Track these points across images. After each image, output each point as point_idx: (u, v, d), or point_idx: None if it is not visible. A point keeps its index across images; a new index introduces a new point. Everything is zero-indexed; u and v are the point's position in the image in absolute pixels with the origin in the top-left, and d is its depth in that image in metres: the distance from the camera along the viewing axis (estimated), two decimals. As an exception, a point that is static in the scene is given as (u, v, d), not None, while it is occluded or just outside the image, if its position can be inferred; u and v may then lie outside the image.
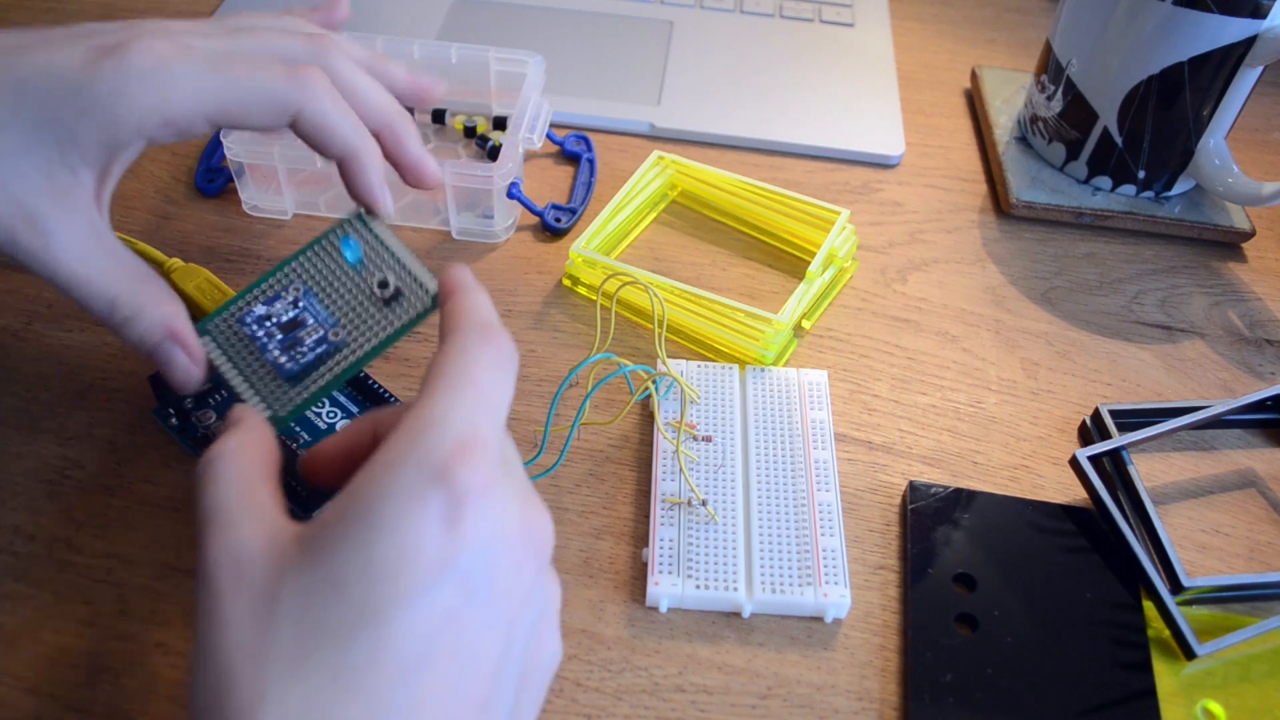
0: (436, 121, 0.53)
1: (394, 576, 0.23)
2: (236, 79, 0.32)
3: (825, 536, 0.36)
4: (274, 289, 0.34)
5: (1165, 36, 0.46)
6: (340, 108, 0.34)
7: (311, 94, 0.33)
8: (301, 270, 0.34)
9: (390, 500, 0.24)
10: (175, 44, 0.32)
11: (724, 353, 0.43)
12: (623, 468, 0.39)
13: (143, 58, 0.31)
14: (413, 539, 0.23)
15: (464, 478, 0.24)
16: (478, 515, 0.24)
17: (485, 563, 0.24)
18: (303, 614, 0.23)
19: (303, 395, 0.32)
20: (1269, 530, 0.39)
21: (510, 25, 0.61)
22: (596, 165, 0.52)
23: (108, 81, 0.31)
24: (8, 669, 0.32)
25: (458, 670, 0.24)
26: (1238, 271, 0.50)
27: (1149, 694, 0.33)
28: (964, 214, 0.52)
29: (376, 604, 0.23)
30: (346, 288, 0.34)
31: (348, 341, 0.33)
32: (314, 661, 0.23)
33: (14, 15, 0.59)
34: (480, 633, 0.24)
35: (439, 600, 0.23)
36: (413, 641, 0.23)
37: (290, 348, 0.32)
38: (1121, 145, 0.50)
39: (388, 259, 0.34)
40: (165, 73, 0.31)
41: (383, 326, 0.33)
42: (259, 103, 0.32)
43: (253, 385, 0.32)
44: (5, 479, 0.37)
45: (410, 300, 0.33)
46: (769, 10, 0.64)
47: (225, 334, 0.33)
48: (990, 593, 0.35)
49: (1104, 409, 0.41)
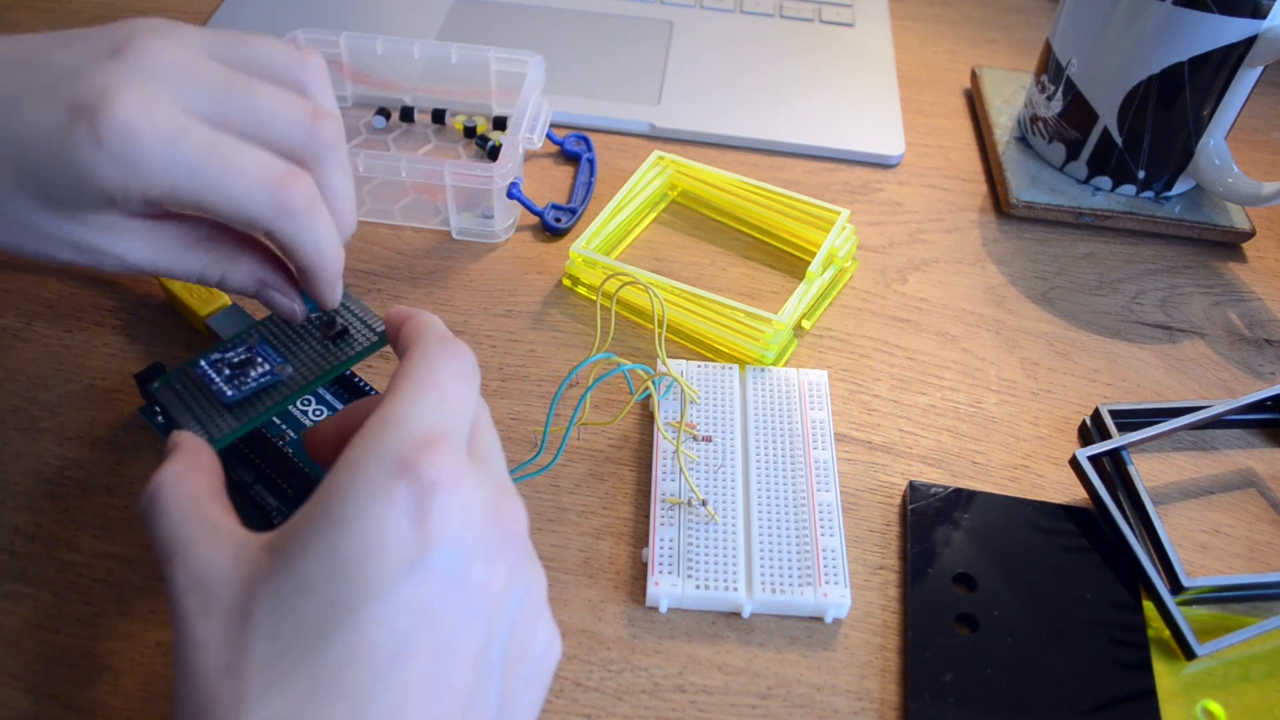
0: (436, 121, 0.53)
1: (363, 572, 0.23)
2: (215, 184, 0.30)
3: (825, 536, 0.36)
4: (231, 342, 0.36)
5: (1165, 36, 0.46)
6: (312, 230, 0.32)
7: (286, 220, 0.31)
8: (261, 329, 0.37)
9: (353, 496, 0.24)
10: (158, 110, 0.29)
11: (724, 353, 0.43)
12: (623, 468, 0.39)
13: (118, 136, 0.28)
14: (379, 533, 0.23)
15: (428, 470, 0.24)
16: (446, 506, 0.24)
17: (457, 553, 0.24)
18: (276, 622, 0.23)
19: (242, 420, 0.34)
20: (1269, 530, 0.39)
21: (510, 25, 0.61)
22: (596, 165, 0.52)
23: (88, 159, 0.29)
24: (8, 669, 0.32)
25: (438, 663, 0.23)
26: (1238, 271, 0.50)
27: (1149, 694, 0.33)
28: (964, 214, 0.52)
29: (348, 601, 0.23)
30: (299, 335, 0.37)
31: (293, 375, 0.35)
32: (292, 667, 0.23)
33: (14, 15, 0.59)
34: (458, 624, 0.24)
35: (412, 594, 0.23)
36: (389, 636, 0.23)
37: (234, 380, 0.34)
38: (1121, 145, 0.50)
39: (339, 307, 0.37)
40: (141, 160, 0.29)
41: (328, 360, 0.35)
42: (233, 213, 0.31)
43: (194, 415, 0.34)
44: (5, 479, 0.37)
45: (356, 338, 0.36)
46: (769, 10, 0.64)
47: (182, 381, 0.35)
48: (990, 593, 0.35)
49: (1104, 409, 0.41)
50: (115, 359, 0.41)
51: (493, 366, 0.42)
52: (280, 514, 0.35)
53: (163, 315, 0.43)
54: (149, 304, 0.43)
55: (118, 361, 0.41)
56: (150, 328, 0.42)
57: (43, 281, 0.44)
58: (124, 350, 0.41)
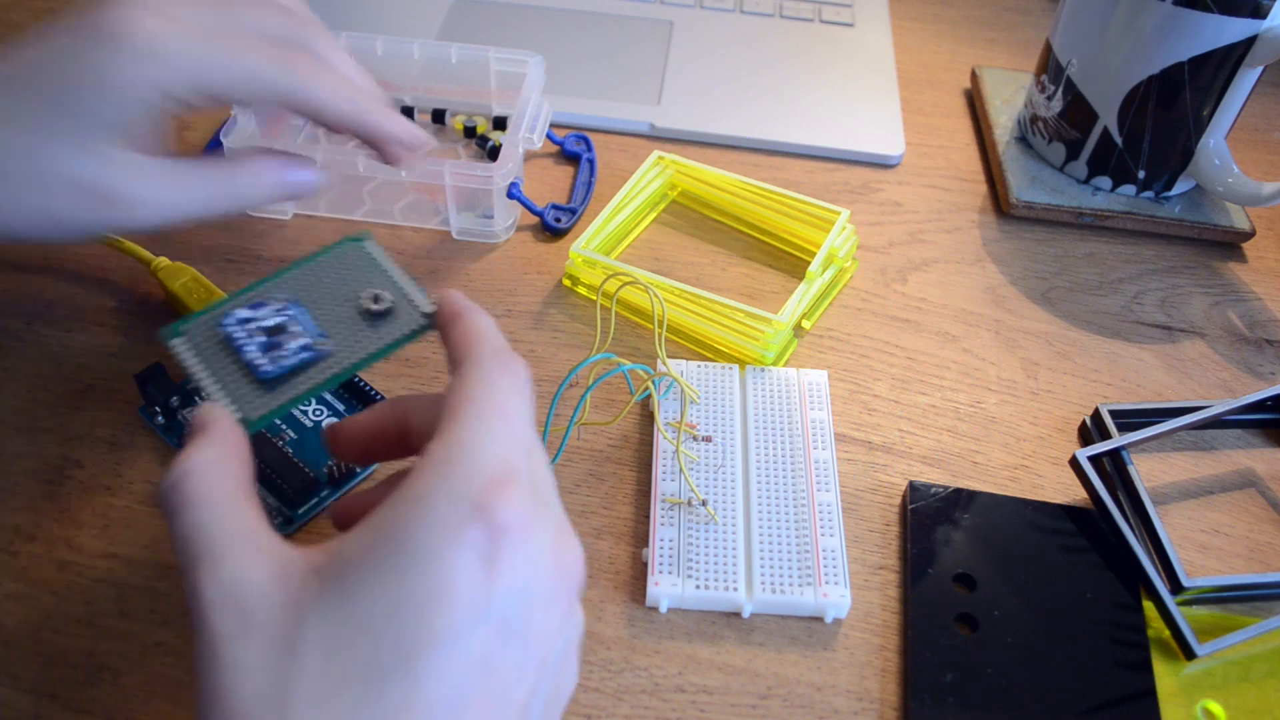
0: (437, 121, 0.53)
1: (429, 618, 0.22)
2: (227, 58, 0.33)
3: (825, 536, 0.36)
4: (261, 296, 0.32)
5: (1165, 36, 0.46)
6: (328, 82, 0.34)
7: (302, 76, 0.34)
8: (292, 283, 0.32)
9: (424, 535, 0.22)
10: (163, 17, 0.32)
11: (724, 353, 0.43)
12: (623, 468, 0.39)
13: (131, 33, 0.31)
14: (449, 578, 0.22)
15: (502, 513, 0.23)
16: (515, 554, 0.23)
17: (522, 603, 0.23)
18: (328, 659, 0.22)
19: (279, 400, 0.30)
20: (1269, 530, 0.39)
21: (510, 25, 0.61)
22: (596, 165, 0.52)
23: (102, 61, 0.31)
24: (8, 668, 0.32)
25: (490, 713, 0.23)
26: (1238, 271, 0.50)
27: (1149, 694, 0.33)
28: (964, 214, 0.52)
29: (410, 648, 0.22)
30: (338, 302, 0.32)
31: (333, 352, 0.31)
32: (342, 710, 0.21)
33: (14, 15, 0.59)
34: (514, 674, 0.23)
35: (475, 644, 0.22)
36: (448, 688, 0.22)
37: (270, 349, 0.30)
38: (1121, 145, 0.50)
39: (382, 278, 0.33)
40: (155, 47, 0.32)
41: (372, 341, 0.31)
42: (250, 83, 0.33)
43: (225, 387, 0.30)
44: (5, 479, 0.37)
45: (402, 318, 0.32)
46: (769, 10, 0.64)
47: (203, 337, 0.31)
48: (990, 593, 0.35)
49: (1104, 409, 0.41)
50: (115, 359, 0.41)
51: (493, 366, 0.42)
52: (279, 514, 0.35)
53: (162, 315, 0.43)
54: (149, 304, 0.43)
55: (117, 361, 0.41)
56: (150, 328, 0.42)
57: (43, 281, 0.44)
58: (124, 350, 0.41)
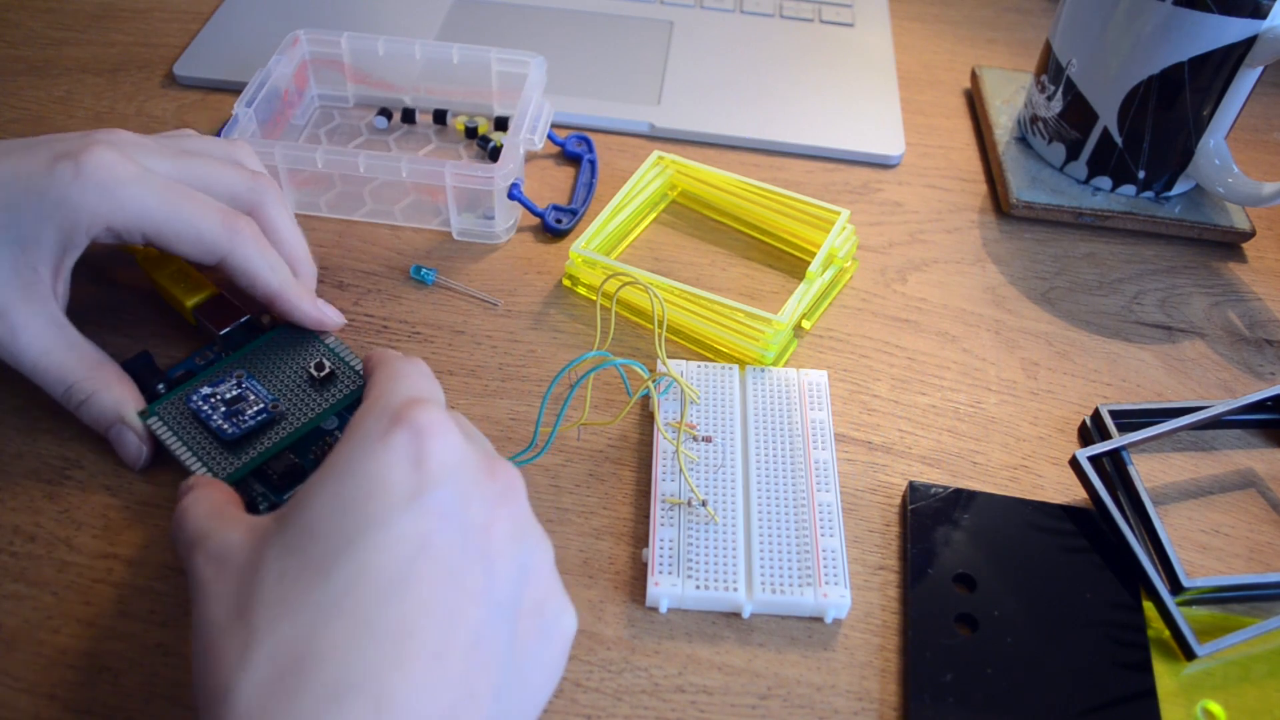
0: (438, 122, 0.53)
1: (364, 507, 0.25)
2: (177, 213, 0.35)
3: (825, 537, 0.36)
4: (219, 375, 0.37)
5: (1165, 36, 0.46)
6: (263, 255, 0.37)
7: (239, 243, 0.36)
8: (244, 361, 0.38)
9: (355, 448, 0.26)
10: (129, 160, 0.35)
11: (724, 353, 0.43)
12: (623, 468, 0.39)
13: (97, 169, 0.34)
14: (379, 471, 0.25)
15: (420, 417, 0.26)
16: (441, 448, 0.26)
17: (455, 493, 0.26)
18: (283, 565, 0.25)
19: (245, 459, 0.35)
20: (1269, 530, 0.39)
21: (509, 25, 0.61)
22: (598, 166, 0.52)
23: (65, 188, 0.34)
24: (8, 669, 0.32)
25: (442, 591, 0.25)
26: (1238, 271, 0.50)
27: (1149, 694, 0.33)
28: (964, 214, 0.52)
29: (350, 534, 0.24)
30: (285, 373, 0.38)
31: (286, 414, 0.36)
32: (298, 599, 0.24)
33: (14, 15, 0.59)
34: (458, 558, 0.25)
35: (411, 525, 0.25)
36: (390, 562, 0.24)
37: (232, 417, 0.36)
38: (1121, 145, 0.50)
39: (321, 348, 0.39)
40: (116, 187, 0.34)
41: (319, 402, 0.37)
42: (193, 240, 0.36)
43: (198, 455, 0.35)
44: (5, 479, 0.37)
45: (344, 382, 0.38)
46: (769, 10, 0.64)
47: (173, 414, 0.36)
48: (990, 593, 0.35)
49: (1104, 409, 0.41)
50: (115, 359, 0.41)
51: (492, 366, 0.42)
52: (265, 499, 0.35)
53: (162, 315, 0.43)
54: (149, 304, 0.43)
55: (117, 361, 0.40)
56: (150, 328, 0.42)
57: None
58: (124, 350, 0.41)
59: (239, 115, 0.46)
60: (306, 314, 0.39)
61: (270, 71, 0.48)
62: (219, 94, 0.55)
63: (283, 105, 0.50)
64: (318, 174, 0.48)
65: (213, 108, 0.54)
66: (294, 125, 0.52)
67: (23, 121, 0.52)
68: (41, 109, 0.53)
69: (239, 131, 0.45)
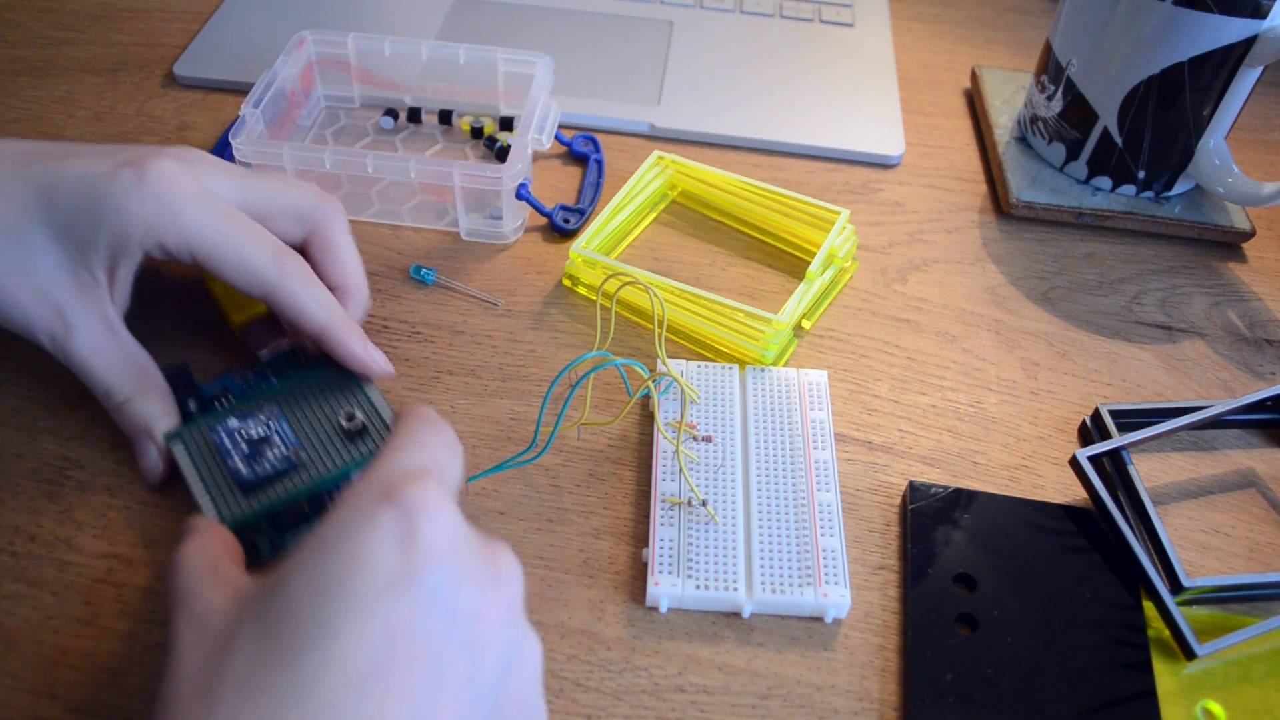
0: (444, 122, 0.53)
1: (344, 588, 0.23)
2: (228, 239, 0.35)
3: (825, 536, 0.36)
4: (250, 408, 0.37)
5: (1165, 36, 0.46)
6: (311, 291, 0.37)
7: (286, 277, 0.36)
8: (279, 397, 0.37)
9: (344, 523, 0.25)
10: (191, 177, 0.35)
11: (724, 353, 0.43)
12: (623, 468, 0.39)
13: (158, 180, 0.34)
14: (365, 551, 0.24)
15: (412, 495, 0.25)
16: (432, 530, 0.24)
17: (445, 578, 0.24)
18: (259, 641, 0.23)
19: (253, 505, 0.34)
20: (1269, 530, 0.39)
21: (510, 25, 0.61)
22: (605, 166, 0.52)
23: (124, 195, 0.34)
24: (8, 669, 0.32)
25: (419, 683, 0.23)
26: (1238, 271, 0.50)
27: (1149, 694, 0.33)
28: (964, 214, 0.52)
29: (327, 615, 0.23)
30: (317, 418, 0.37)
31: (306, 464, 0.35)
32: (265, 681, 0.23)
33: (14, 15, 0.59)
34: (442, 648, 0.24)
35: (392, 611, 0.23)
36: (367, 648, 0.23)
37: (252, 460, 0.35)
38: (1121, 145, 0.50)
39: (359, 396, 0.37)
40: (173, 201, 0.34)
41: (340, 456, 0.36)
42: (240, 268, 0.36)
43: (209, 492, 0.35)
44: (5, 479, 0.37)
45: (373, 439, 0.36)
46: (769, 10, 0.64)
47: (197, 441, 0.36)
48: (990, 593, 0.35)
49: (1104, 409, 0.41)
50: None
51: (492, 366, 0.42)
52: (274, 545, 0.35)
53: (162, 315, 0.43)
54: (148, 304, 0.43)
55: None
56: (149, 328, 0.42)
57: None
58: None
59: (246, 116, 0.45)
60: (355, 355, 0.37)
61: (277, 72, 0.48)
62: (219, 94, 0.55)
63: (289, 106, 0.50)
64: (325, 175, 0.48)
65: (213, 108, 0.54)
66: (300, 126, 0.52)
67: (23, 121, 0.52)
68: (42, 109, 0.53)
69: (247, 132, 0.45)
